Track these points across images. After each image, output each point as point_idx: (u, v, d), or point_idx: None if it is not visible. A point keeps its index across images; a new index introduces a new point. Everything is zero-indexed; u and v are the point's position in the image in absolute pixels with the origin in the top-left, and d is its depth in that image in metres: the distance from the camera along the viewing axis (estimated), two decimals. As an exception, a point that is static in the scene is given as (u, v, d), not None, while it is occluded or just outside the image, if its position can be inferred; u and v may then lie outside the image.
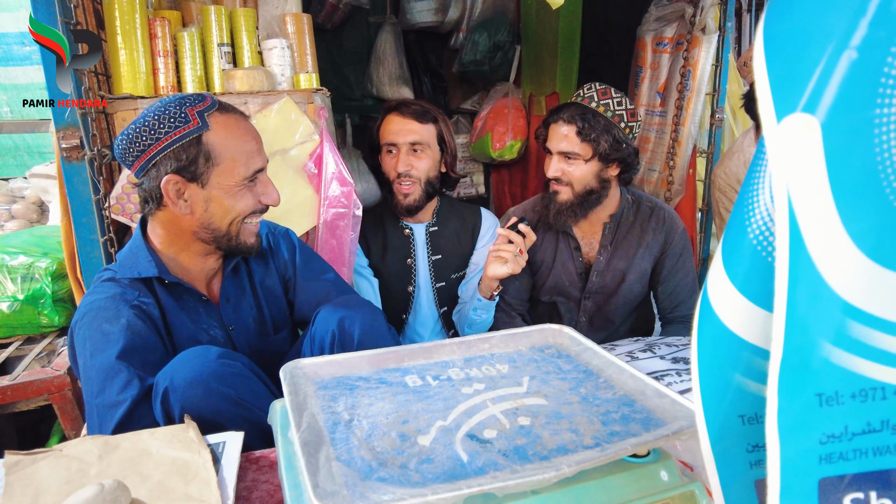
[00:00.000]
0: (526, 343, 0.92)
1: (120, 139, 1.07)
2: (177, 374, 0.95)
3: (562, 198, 1.66)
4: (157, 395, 0.96)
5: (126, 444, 0.85)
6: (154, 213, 1.12)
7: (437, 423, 0.69)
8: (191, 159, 1.05)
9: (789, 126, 0.36)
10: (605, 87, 1.63)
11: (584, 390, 0.79)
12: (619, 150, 1.60)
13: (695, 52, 2.11)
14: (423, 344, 0.88)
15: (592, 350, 0.88)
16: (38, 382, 1.55)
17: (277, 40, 1.68)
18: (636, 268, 1.75)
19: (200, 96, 1.10)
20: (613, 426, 0.70)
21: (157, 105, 1.07)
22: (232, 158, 1.09)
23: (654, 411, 0.73)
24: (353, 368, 0.82)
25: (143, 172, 1.07)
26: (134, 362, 1.01)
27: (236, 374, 0.99)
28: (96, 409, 1.00)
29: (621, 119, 1.60)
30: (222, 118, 1.09)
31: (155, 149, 1.05)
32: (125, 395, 0.98)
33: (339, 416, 0.70)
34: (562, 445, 0.66)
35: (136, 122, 1.06)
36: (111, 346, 1.01)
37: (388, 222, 1.85)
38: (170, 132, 1.04)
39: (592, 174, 1.62)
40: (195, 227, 1.11)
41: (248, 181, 1.12)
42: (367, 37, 3.31)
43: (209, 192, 1.09)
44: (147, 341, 1.05)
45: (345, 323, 1.09)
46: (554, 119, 1.64)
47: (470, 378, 0.81)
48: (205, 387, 0.94)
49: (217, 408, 0.96)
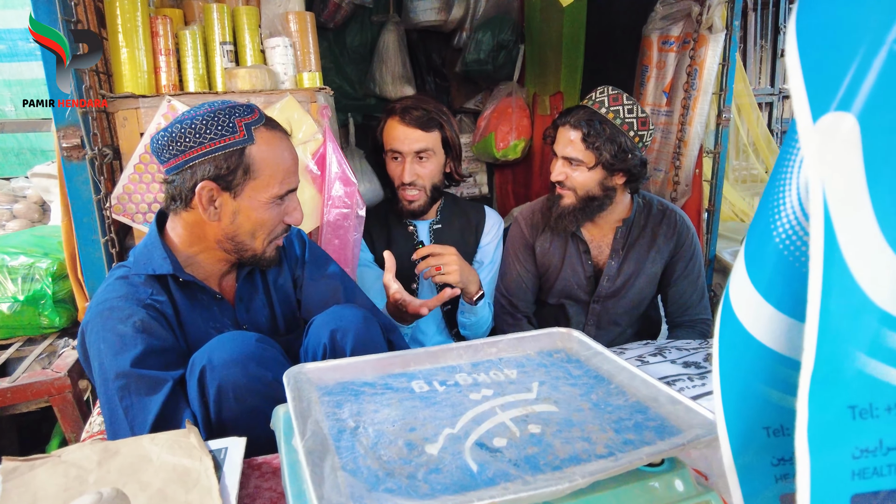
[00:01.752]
0: (534, 347, 0.90)
1: (161, 134, 1.06)
2: (215, 353, 0.96)
3: (564, 202, 1.64)
4: (194, 374, 0.96)
5: (126, 450, 0.83)
6: (178, 212, 1.12)
7: (445, 431, 0.67)
8: (230, 169, 1.06)
9: (826, 125, 0.34)
10: (617, 93, 1.60)
11: (595, 396, 0.77)
12: (625, 160, 1.56)
13: (701, 51, 2.08)
14: (430, 348, 0.87)
15: (603, 354, 0.86)
16: (38, 384, 1.53)
17: (280, 38, 1.66)
18: (647, 272, 1.73)
19: (249, 108, 1.10)
20: (627, 434, 0.68)
21: (205, 108, 1.07)
22: (270, 175, 1.09)
23: (669, 418, 0.71)
24: (359, 373, 0.80)
25: (178, 171, 1.07)
26: (154, 365, 1.00)
27: (274, 359, 1.00)
28: (125, 412, 0.97)
29: (631, 127, 1.57)
30: (267, 134, 1.09)
31: (196, 151, 1.04)
32: (158, 396, 0.97)
33: (344, 423, 0.68)
34: (574, 455, 0.64)
35: (181, 121, 1.05)
36: (128, 349, 0.99)
37: (393, 219, 1.84)
38: (215, 139, 1.04)
39: (595, 182, 1.59)
40: (219, 235, 1.12)
41: (279, 199, 1.13)
42: (369, 36, 3.29)
43: (240, 204, 1.09)
44: (165, 342, 1.05)
45: (336, 336, 1.08)
46: (562, 122, 1.62)
47: (478, 383, 0.79)
48: (243, 366, 0.95)
49: (254, 388, 0.96)
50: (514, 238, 1.85)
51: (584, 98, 1.65)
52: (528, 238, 1.81)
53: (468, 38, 3.24)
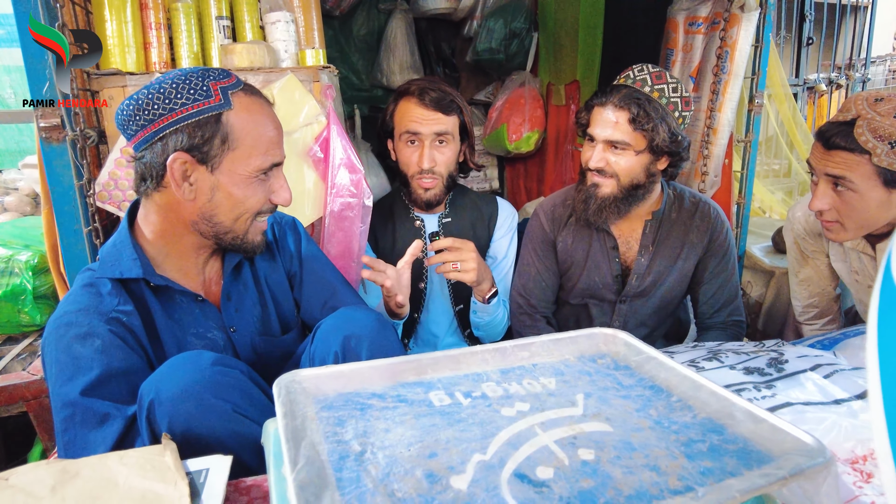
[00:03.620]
0: (573, 351, 0.76)
1: (126, 104, 0.93)
2: (164, 384, 0.81)
3: (604, 191, 1.48)
4: (142, 409, 0.82)
5: (87, 472, 0.69)
6: (150, 195, 0.98)
7: (475, 458, 0.53)
8: (206, 138, 0.92)
9: None
10: (659, 70, 1.45)
11: (654, 412, 0.63)
12: (676, 142, 1.43)
13: (733, 32, 1.93)
14: (449, 351, 0.73)
15: (657, 360, 0.72)
16: (12, 388, 1.39)
17: (281, 13, 1.53)
18: (679, 269, 1.58)
19: (225, 72, 0.97)
20: (702, 461, 0.54)
21: (175, 73, 0.94)
22: (250, 145, 0.96)
23: (752, 440, 0.57)
24: (365, 382, 0.67)
25: (147, 145, 0.93)
26: (113, 392, 0.87)
27: (234, 385, 0.85)
28: (65, 448, 0.86)
29: (676, 107, 1.43)
30: (247, 99, 0.97)
31: (166, 120, 0.91)
32: (105, 432, 0.84)
33: (347, 446, 0.54)
34: (642, 490, 0.50)
35: (148, 87, 0.93)
36: (82, 373, 0.87)
37: (398, 214, 1.70)
38: (187, 104, 0.91)
39: (641, 167, 1.44)
40: (195, 216, 0.98)
41: (263, 174, 0.99)
42: (377, 24, 3.17)
43: (217, 179, 0.95)
44: (129, 363, 0.91)
45: (350, 343, 0.96)
46: (601, 101, 1.45)
47: (510, 395, 0.65)
48: (197, 399, 0.81)
49: (211, 424, 0.82)
50: (533, 233, 1.71)
51: (618, 78, 1.50)
52: (548, 233, 1.67)
53: (479, 26, 3.11)
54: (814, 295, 1.73)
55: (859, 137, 1.18)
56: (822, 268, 1.67)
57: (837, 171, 1.22)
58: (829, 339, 1.04)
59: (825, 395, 0.77)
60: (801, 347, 0.96)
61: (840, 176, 1.22)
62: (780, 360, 0.87)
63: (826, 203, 1.28)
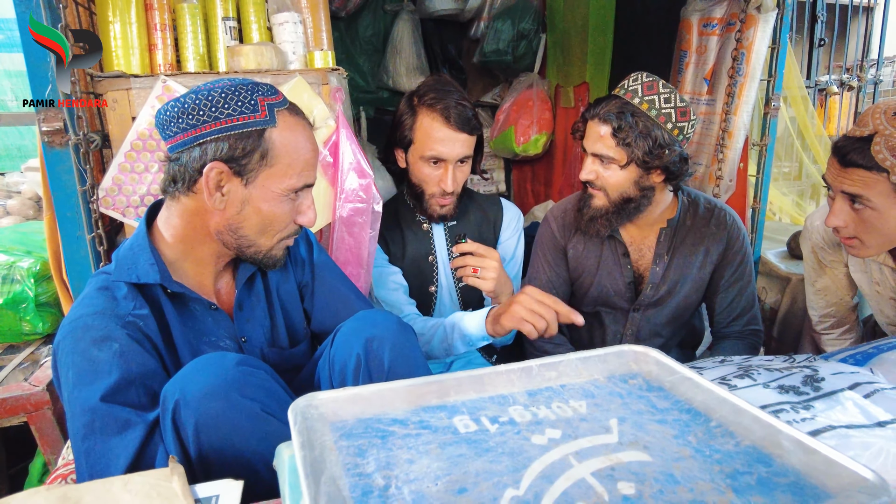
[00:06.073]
0: (602, 370, 0.72)
1: (171, 104, 0.92)
2: (189, 384, 0.79)
3: (596, 203, 1.46)
4: (167, 411, 0.80)
5: (90, 499, 0.66)
6: (178, 198, 0.97)
7: (508, 494, 0.49)
8: (246, 151, 0.92)
9: None
10: (652, 80, 1.41)
11: (694, 439, 0.59)
12: (661, 156, 1.37)
13: (749, 33, 1.89)
14: (472, 371, 0.69)
15: (692, 380, 0.68)
16: (13, 400, 1.35)
17: (289, 14, 1.50)
18: (694, 277, 1.54)
19: (273, 89, 0.97)
20: (752, 496, 0.50)
21: (224, 82, 0.94)
22: (287, 164, 0.96)
23: (804, 473, 0.53)
24: (385, 405, 0.63)
25: (185, 148, 0.92)
26: (132, 398, 0.85)
27: (260, 385, 0.84)
28: (85, 456, 0.82)
29: (668, 119, 1.37)
30: (291, 119, 0.97)
31: (210, 127, 0.91)
32: (127, 439, 0.81)
33: (369, 480, 0.50)
34: (692, 532, 0.46)
35: (196, 92, 0.92)
36: (101, 378, 0.84)
37: (405, 218, 1.66)
38: (233, 115, 0.91)
39: (630, 181, 1.41)
40: (221, 226, 0.97)
41: (294, 193, 0.99)
42: (383, 25, 3.13)
43: (250, 193, 0.95)
44: (147, 368, 0.88)
45: (373, 345, 0.93)
46: (591, 114, 1.43)
47: (539, 421, 0.61)
48: (224, 398, 0.79)
49: (239, 423, 0.80)
50: (543, 239, 1.67)
51: (616, 87, 1.46)
52: (558, 239, 1.63)
53: (486, 27, 3.07)
54: (831, 305, 1.68)
55: (877, 155, 1.12)
56: (840, 277, 1.63)
57: (854, 189, 1.18)
58: (861, 353, 1.00)
59: (868, 418, 0.73)
60: (834, 363, 0.92)
61: (857, 194, 1.17)
62: (815, 378, 0.82)
63: (842, 220, 1.23)
